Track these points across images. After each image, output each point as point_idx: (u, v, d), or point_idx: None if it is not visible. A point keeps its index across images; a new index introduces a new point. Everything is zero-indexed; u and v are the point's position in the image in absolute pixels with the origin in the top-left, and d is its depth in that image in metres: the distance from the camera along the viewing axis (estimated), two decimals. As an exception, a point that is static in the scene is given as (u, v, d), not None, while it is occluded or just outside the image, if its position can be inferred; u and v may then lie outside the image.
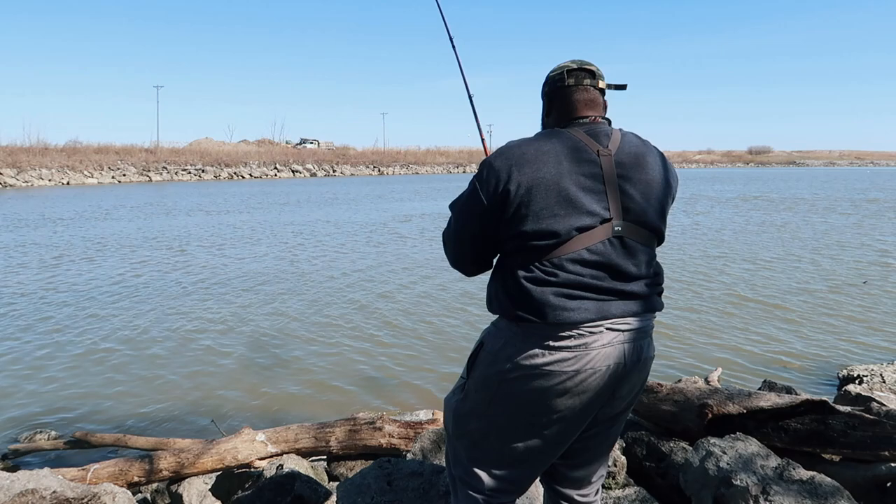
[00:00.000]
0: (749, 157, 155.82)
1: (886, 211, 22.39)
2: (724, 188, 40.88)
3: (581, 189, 1.57)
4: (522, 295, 1.56)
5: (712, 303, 8.38)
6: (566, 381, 1.54)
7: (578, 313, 1.53)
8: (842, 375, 5.35)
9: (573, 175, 1.57)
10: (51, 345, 6.76)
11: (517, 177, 1.56)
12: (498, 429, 1.66)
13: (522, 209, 1.56)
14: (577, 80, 1.70)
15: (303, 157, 70.27)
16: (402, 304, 8.43)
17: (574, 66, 1.73)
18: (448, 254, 1.77)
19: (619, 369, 1.58)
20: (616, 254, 1.58)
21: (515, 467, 1.69)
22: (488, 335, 1.70)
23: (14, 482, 2.51)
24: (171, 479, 3.43)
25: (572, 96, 1.71)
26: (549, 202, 1.55)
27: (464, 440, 1.74)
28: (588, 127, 1.66)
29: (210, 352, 6.55)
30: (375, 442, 3.50)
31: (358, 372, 5.94)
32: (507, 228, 1.60)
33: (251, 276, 10.66)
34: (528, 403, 1.59)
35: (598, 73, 1.73)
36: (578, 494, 1.82)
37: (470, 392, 1.72)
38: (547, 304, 1.53)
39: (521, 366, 1.57)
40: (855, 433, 2.47)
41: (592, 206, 1.56)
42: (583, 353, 1.54)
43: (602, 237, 1.57)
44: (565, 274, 1.55)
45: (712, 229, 17.10)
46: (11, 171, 43.06)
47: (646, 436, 2.88)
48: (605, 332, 1.56)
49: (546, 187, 1.55)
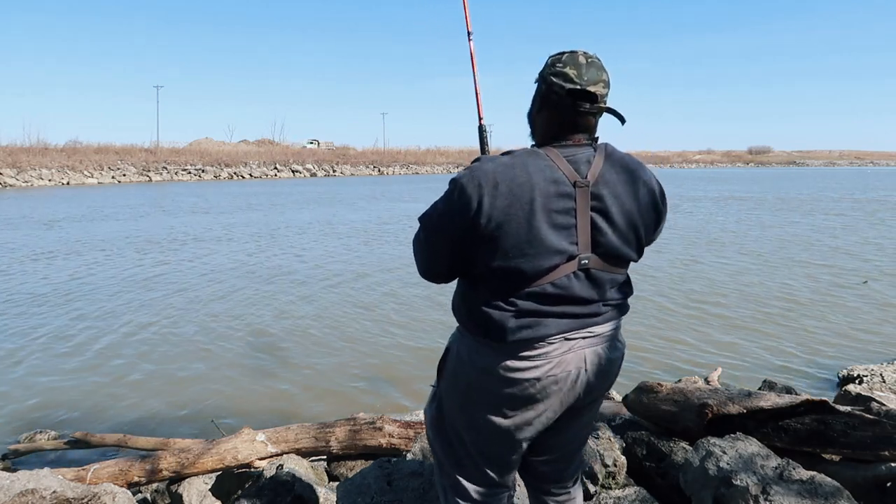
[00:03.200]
0: (749, 157, 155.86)
1: (887, 211, 22.39)
2: (725, 188, 40.87)
3: (552, 227, 1.52)
4: (483, 318, 1.58)
5: (712, 303, 8.38)
6: (528, 387, 1.59)
7: (536, 331, 1.56)
8: (842, 375, 5.35)
9: (545, 211, 1.51)
10: (51, 345, 6.76)
11: (488, 210, 1.49)
12: (471, 432, 1.71)
13: (491, 244, 1.53)
14: (573, 103, 1.57)
15: (303, 158, 70.22)
16: (403, 304, 8.43)
17: (577, 88, 1.55)
18: (418, 265, 1.72)
19: (580, 374, 1.63)
20: (580, 286, 1.58)
21: (494, 469, 1.74)
22: (455, 341, 1.74)
23: (14, 482, 2.51)
24: (172, 479, 3.43)
25: (563, 116, 1.59)
26: (518, 240, 1.51)
27: (443, 447, 1.80)
28: (570, 151, 1.57)
29: (210, 352, 6.55)
30: (375, 442, 3.50)
31: (358, 372, 5.94)
32: (474, 253, 1.58)
33: (251, 275, 10.66)
34: (496, 407, 1.63)
35: (600, 94, 1.57)
36: (556, 488, 1.88)
37: (441, 399, 1.78)
38: (505, 329, 1.55)
39: (485, 372, 1.61)
40: (855, 433, 2.47)
41: (561, 244, 1.53)
42: (543, 363, 1.58)
43: (567, 272, 1.56)
44: (525, 303, 1.56)
45: (712, 229, 17.10)
46: (11, 171, 43.02)
47: (646, 436, 2.87)
48: (564, 342, 1.60)
49: (517, 224, 1.50)
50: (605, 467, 2.61)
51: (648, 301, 8.40)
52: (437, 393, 1.81)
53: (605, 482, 2.61)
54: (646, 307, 8.07)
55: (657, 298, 8.58)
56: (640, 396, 2.99)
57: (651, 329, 7.08)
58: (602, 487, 2.58)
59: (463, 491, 1.76)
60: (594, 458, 2.62)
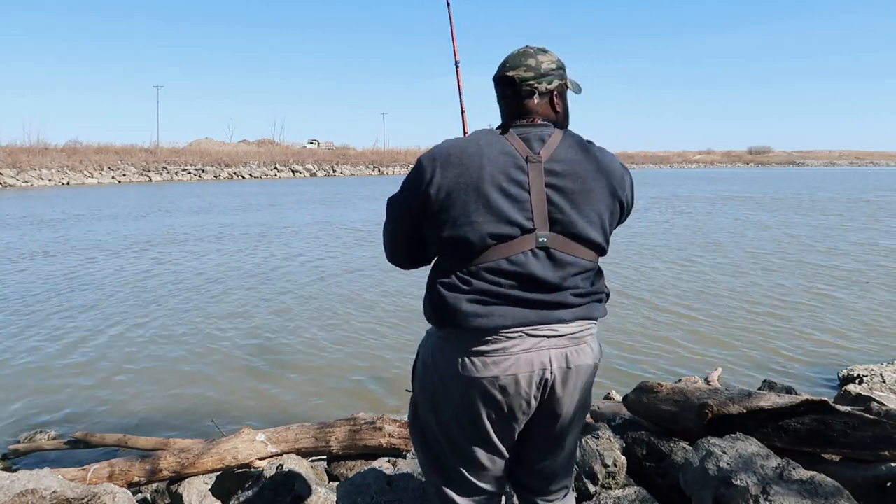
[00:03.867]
0: (749, 157, 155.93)
1: (885, 211, 22.39)
2: (724, 188, 40.87)
3: (503, 195, 1.52)
4: (439, 301, 1.57)
5: (712, 303, 8.38)
6: (488, 387, 1.55)
7: (492, 319, 1.52)
8: (842, 375, 5.35)
9: (495, 181, 1.52)
10: (51, 345, 6.76)
11: (438, 180, 1.53)
12: (445, 435, 1.68)
13: (442, 214, 1.54)
14: (514, 90, 1.64)
15: (303, 157, 70.22)
16: (403, 304, 8.42)
17: (497, 76, 1.67)
18: (385, 249, 1.75)
19: (544, 375, 1.56)
20: (538, 266, 1.53)
21: (474, 474, 1.69)
22: (422, 346, 1.73)
23: (14, 482, 2.51)
24: (172, 479, 3.43)
25: (503, 102, 1.68)
26: (467, 209, 1.51)
27: (425, 452, 1.77)
28: (523, 130, 1.60)
29: (210, 352, 6.55)
30: (375, 442, 3.51)
31: (359, 372, 5.94)
32: (429, 232, 1.60)
33: (251, 275, 10.66)
34: (462, 408, 1.60)
35: (519, 78, 1.64)
36: (543, 499, 1.80)
37: (416, 404, 1.77)
38: (459, 311, 1.53)
39: (448, 374, 1.59)
40: (855, 433, 2.47)
41: (513, 215, 1.52)
42: (501, 358, 1.53)
43: (524, 248, 1.53)
44: (479, 282, 1.53)
45: (711, 229, 17.10)
46: (11, 171, 43.02)
47: (646, 436, 2.87)
48: (525, 337, 1.54)
49: (465, 192, 1.51)
50: (605, 467, 2.61)
51: (648, 301, 8.40)
52: (413, 398, 1.80)
53: (605, 482, 2.61)
54: (645, 307, 8.07)
55: (657, 298, 8.58)
56: (640, 396, 2.99)
57: (651, 329, 7.08)
58: (602, 487, 2.58)
59: (447, 497, 1.72)
60: (594, 458, 2.62)
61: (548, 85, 1.65)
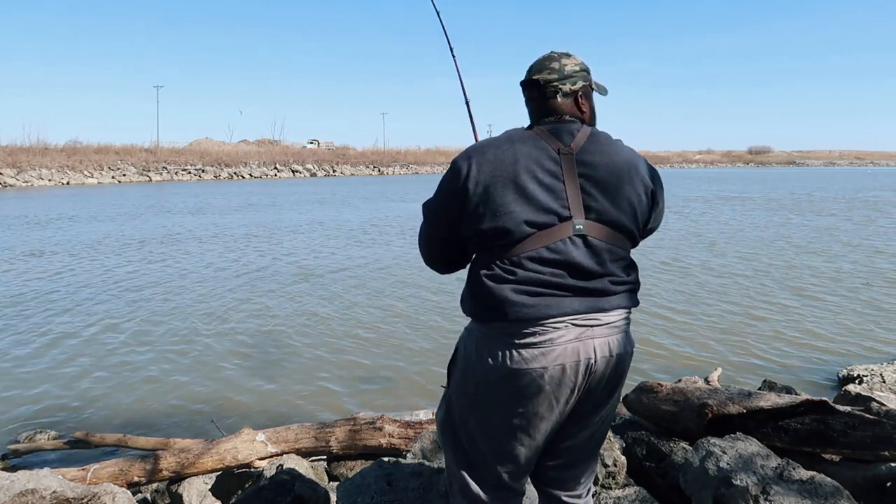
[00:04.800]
0: (749, 157, 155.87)
1: (883, 210, 22.39)
2: (724, 188, 40.87)
3: (539, 185, 1.57)
4: (484, 293, 1.58)
5: (712, 303, 8.38)
6: (536, 378, 1.56)
7: (538, 309, 1.54)
8: (842, 375, 5.36)
9: (530, 172, 1.58)
10: (51, 345, 6.76)
11: (475, 175, 1.58)
12: (483, 432, 1.68)
13: (480, 207, 1.58)
14: (539, 91, 1.72)
15: (303, 157, 70.24)
16: (403, 304, 8.43)
17: (524, 80, 1.75)
18: (422, 253, 1.79)
19: (590, 364, 1.58)
20: (578, 253, 1.57)
21: (508, 470, 1.70)
22: (462, 340, 1.74)
23: (14, 482, 2.51)
24: (172, 479, 3.43)
25: (532, 105, 1.75)
26: (505, 199, 1.56)
27: (455, 449, 1.77)
28: (552, 126, 1.67)
29: (210, 352, 6.55)
30: (375, 442, 3.50)
31: (358, 372, 5.94)
32: (468, 227, 1.62)
33: (251, 275, 10.66)
34: (505, 404, 1.61)
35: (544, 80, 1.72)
36: (567, 495, 1.81)
37: (452, 400, 1.76)
38: (506, 301, 1.55)
39: (492, 367, 1.59)
40: (855, 433, 2.47)
41: (550, 204, 1.57)
42: (548, 349, 1.55)
43: (562, 235, 1.57)
44: (523, 272, 1.56)
45: (710, 229, 17.10)
46: (11, 171, 43.04)
47: (646, 436, 2.87)
48: (570, 327, 1.56)
49: (503, 185, 1.57)
50: (605, 467, 2.61)
51: (648, 301, 8.40)
52: (447, 394, 1.79)
53: (605, 482, 2.60)
54: (645, 307, 8.07)
55: (656, 299, 8.58)
56: (640, 396, 2.99)
57: (651, 329, 7.08)
58: (602, 487, 2.58)
59: (472, 494, 1.72)
60: (594, 458, 2.61)
61: (571, 86, 1.72)
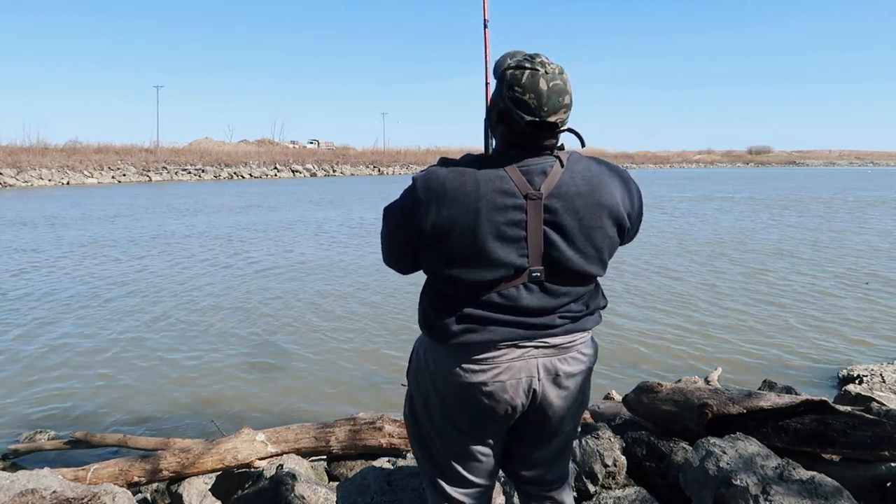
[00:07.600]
0: (749, 157, 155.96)
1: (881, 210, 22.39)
2: (724, 188, 40.87)
3: (498, 238, 1.49)
4: (430, 318, 1.61)
5: (711, 303, 8.38)
6: (476, 392, 1.58)
7: (483, 335, 1.55)
8: (842, 375, 5.36)
9: (492, 223, 1.48)
10: (51, 345, 6.76)
11: (433, 217, 1.49)
12: (437, 432, 1.71)
13: (436, 246, 1.53)
14: (532, 132, 1.50)
15: (303, 157, 70.23)
16: (403, 304, 8.42)
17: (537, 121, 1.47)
18: (382, 252, 1.74)
19: (532, 382, 1.59)
20: (531, 298, 1.55)
21: (465, 468, 1.72)
22: (418, 343, 1.77)
23: (14, 482, 2.51)
24: (172, 479, 3.43)
25: (521, 137, 1.52)
26: (462, 252, 1.50)
27: (420, 446, 1.80)
28: (526, 162, 1.51)
29: (210, 352, 6.55)
30: (375, 442, 3.51)
31: (358, 372, 5.94)
32: (421, 256, 1.60)
33: (251, 275, 10.66)
34: (453, 407, 1.64)
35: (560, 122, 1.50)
36: (542, 491, 1.84)
37: (411, 399, 1.81)
38: (451, 333, 1.56)
39: (439, 376, 1.63)
40: (855, 433, 2.47)
41: (508, 257, 1.50)
42: (490, 367, 1.57)
43: (516, 283, 1.54)
44: (471, 309, 1.55)
45: (710, 229, 17.10)
46: (11, 171, 43.02)
47: (646, 436, 2.87)
48: (514, 348, 1.57)
49: (461, 234, 1.48)
50: (605, 467, 2.61)
51: (648, 301, 8.40)
52: (408, 392, 1.84)
53: (605, 482, 2.61)
54: (645, 308, 8.07)
55: (656, 299, 8.58)
56: (640, 396, 2.99)
57: (651, 329, 7.08)
58: (602, 487, 2.58)
59: (442, 490, 1.75)
60: (594, 458, 2.62)
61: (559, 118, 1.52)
